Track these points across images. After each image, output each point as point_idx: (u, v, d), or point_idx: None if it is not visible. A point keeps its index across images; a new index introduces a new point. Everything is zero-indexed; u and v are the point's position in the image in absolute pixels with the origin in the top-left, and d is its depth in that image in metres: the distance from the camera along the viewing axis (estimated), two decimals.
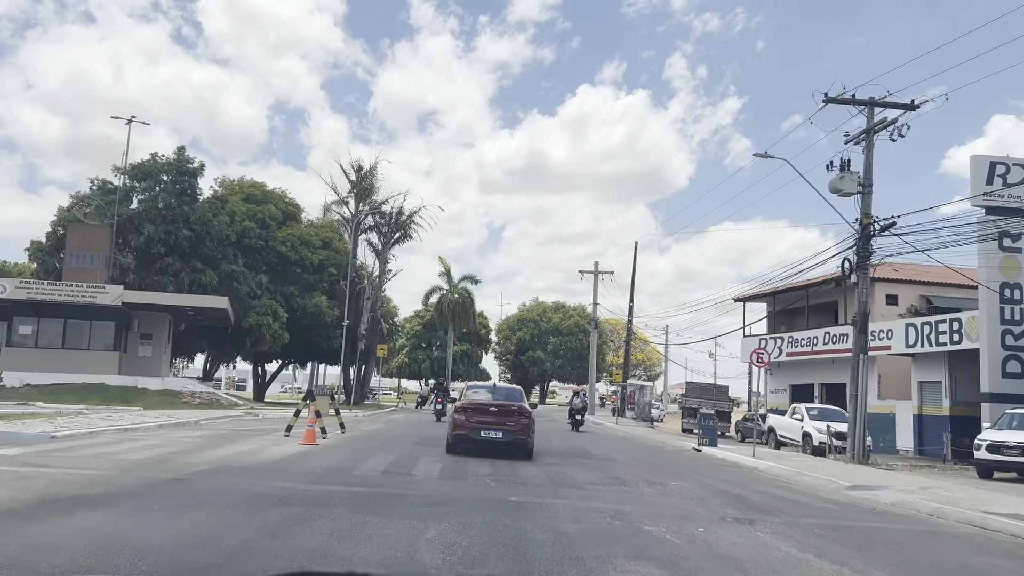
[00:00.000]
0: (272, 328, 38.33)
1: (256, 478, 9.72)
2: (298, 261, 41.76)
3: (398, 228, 45.10)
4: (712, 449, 22.22)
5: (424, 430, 23.86)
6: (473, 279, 79.03)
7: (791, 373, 36.99)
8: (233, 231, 39.19)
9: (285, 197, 44.65)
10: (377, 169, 44.49)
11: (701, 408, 39.93)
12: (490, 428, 15.38)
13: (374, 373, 46.97)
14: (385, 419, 29.67)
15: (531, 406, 17.02)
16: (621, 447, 22.41)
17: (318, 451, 14.29)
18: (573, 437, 25.46)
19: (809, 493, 13.00)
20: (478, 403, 16.00)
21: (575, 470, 13.82)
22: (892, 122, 19.62)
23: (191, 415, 22.52)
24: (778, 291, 36.74)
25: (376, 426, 24.31)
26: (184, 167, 38.53)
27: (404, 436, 20.53)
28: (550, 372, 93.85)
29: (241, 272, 38.53)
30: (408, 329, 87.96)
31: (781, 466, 17.25)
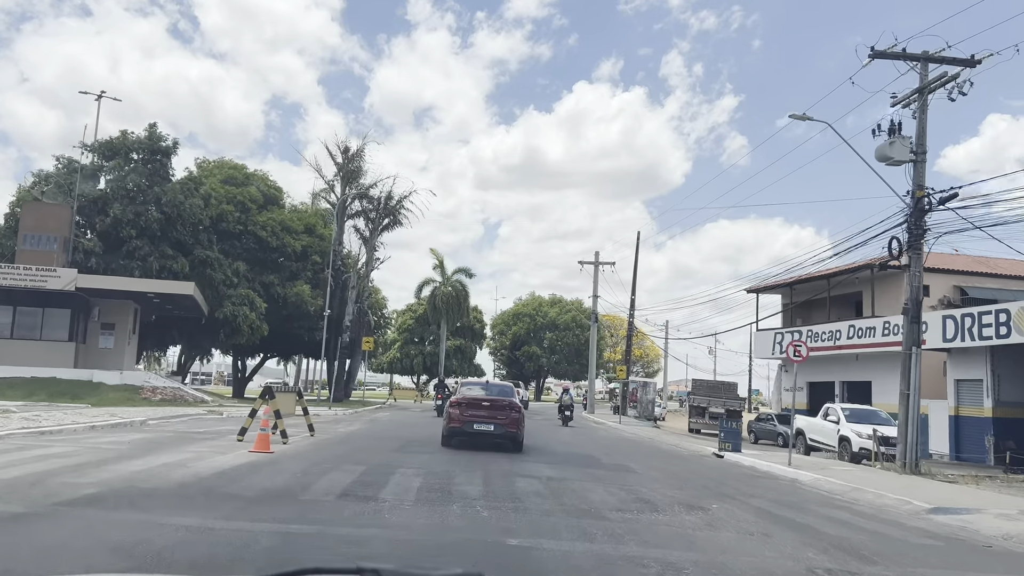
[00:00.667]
0: (249, 319, 35.48)
1: (151, 510, 6.95)
2: (279, 248, 38.90)
3: (387, 214, 42.28)
4: (736, 455, 19.51)
5: (410, 431, 21.10)
6: (467, 272, 76.01)
7: (809, 370, 34.26)
8: (208, 214, 36.31)
9: (267, 179, 41.78)
10: (365, 151, 41.70)
11: (710, 407, 37.32)
12: (483, 421, 16.02)
13: (360, 368, 44.12)
14: (368, 418, 26.90)
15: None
16: (632, 452, 19.69)
17: (268, 462, 11.52)
18: (574, 437, 22.72)
19: (887, 519, 10.27)
20: (471, 398, 16.69)
21: (588, 486, 11.07)
22: (952, 77, 16.88)
23: (142, 414, 19.71)
24: (795, 281, 34.04)
25: (355, 427, 21.53)
26: (156, 145, 35.60)
27: (384, 439, 17.76)
28: (546, 368, 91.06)
29: (216, 258, 35.67)
30: (400, 323, 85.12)
31: (827, 478, 14.54)
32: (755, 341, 36.52)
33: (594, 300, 49.36)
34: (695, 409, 37.47)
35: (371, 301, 46.38)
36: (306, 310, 38.72)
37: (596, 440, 23.29)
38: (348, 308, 38.31)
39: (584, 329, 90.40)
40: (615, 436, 26.43)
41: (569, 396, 33.76)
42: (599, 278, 49.44)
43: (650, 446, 22.91)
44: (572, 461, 15.21)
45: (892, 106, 18.41)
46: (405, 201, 42.09)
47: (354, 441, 16.71)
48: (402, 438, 18.39)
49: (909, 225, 17.33)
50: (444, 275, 74.80)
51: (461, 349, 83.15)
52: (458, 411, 16.17)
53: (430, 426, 24.00)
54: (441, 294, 72.98)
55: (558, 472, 12.79)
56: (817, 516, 9.95)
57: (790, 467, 16.54)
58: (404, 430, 21.69)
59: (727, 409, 37.13)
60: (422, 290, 75.42)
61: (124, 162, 35.66)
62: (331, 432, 18.75)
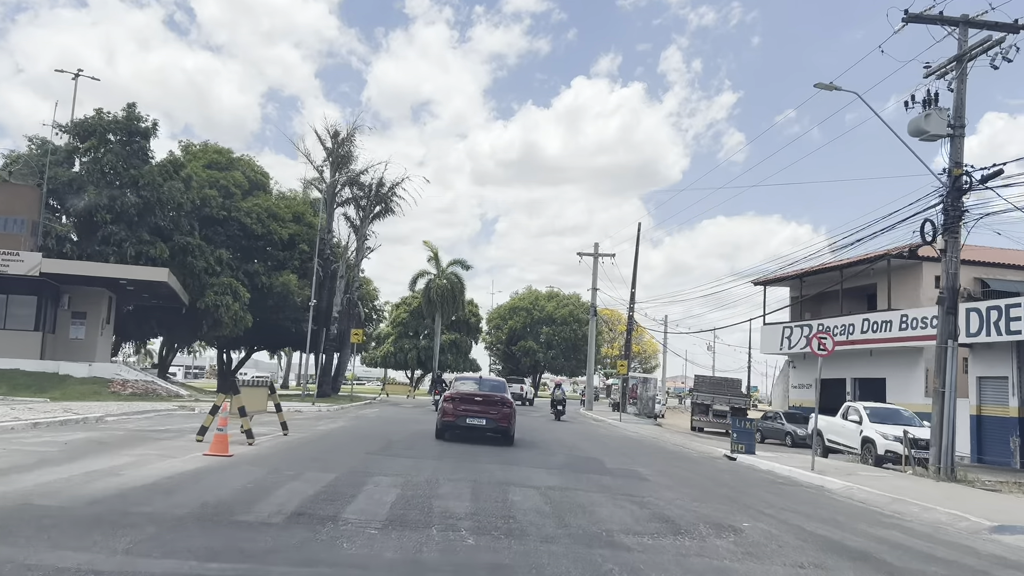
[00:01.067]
0: (232, 309, 33.75)
1: (24, 541, 5.26)
2: (265, 235, 37.14)
3: (378, 201, 40.54)
4: (750, 458, 17.91)
5: (396, 429, 19.46)
6: (463, 264, 74.28)
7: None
8: (189, 199, 34.53)
9: (253, 164, 39.99)
10: (355, 137, 39.95)
11: (714, 404, 35.75)
12: (475, 416, 16.37)
13: (350, 361, 42.39)
14: (354, 415, 25.24)
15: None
16: (637, 453, 18.08)
17: (219, 468, 9.86)
18: (573, 437, 21.08)
19: (950, 542, 8.65)
20: (465, 393, 16.94)
21: (595, 499, 9.44)
22: (997, 42, 15.24)
23: (103, 409, 18.05)
24: (806, 273, 32.44)
25: (337, 425, 19.87)
26: (134, 126, 33.79)
27: (366, 438, 16.10)
28: (543, 363, 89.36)
29: (197, 245, 33.91)
30: (394, 317, 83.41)
31: (859, 486, 12.93)
32: (762, 336, 34.94)
33: (593, 293, 47.74)
34: (698, 407, 35.92)
35: (362, 292, 44.64)
36: (292, 301, 37.01)
37: (597, 439, 21.67)
38: (336, 299, 36.58)
39: (582, 324, 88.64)
40: (617, 435, 24.82)
41: (561, 391, 34.93)
42: (598, 271, 47.81)
43: (655, 446, 21.29)
44: (574, 466, 13.57)
45: (926, 76, 16.77)
46: (397, 188, 40.40)
47: (331, 441, 15.05)
48: (386, 437, 16.75)
49: (945, 206, 15.70)
50: (439, 267, 73.07)
51: (456, 343, 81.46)
52: (452, 406, 16.51)
53: (419, 423, 22.37)
54: (436, 287, 71.25)
55: (559, 480, 11.16)
56: (868, 538, 8.33)
57: (814, 472, 14.95)
58: (391, 428, 20.04)
59: (732, 407, 35.58)
60: (416, 282, 73.73)
61: (100, 143, 33.87)
62: (308, 431, 17.09)
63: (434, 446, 15.31)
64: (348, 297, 39.49)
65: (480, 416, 16.37)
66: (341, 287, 36.66)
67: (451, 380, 24.86)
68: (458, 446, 15.78)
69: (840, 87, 16.36)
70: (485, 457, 13.63)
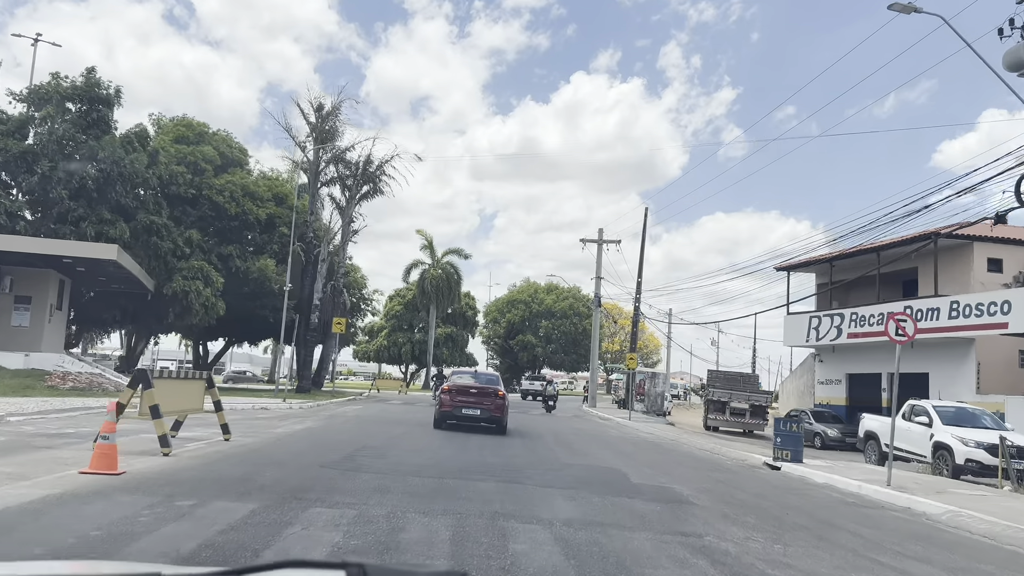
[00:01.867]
0: (203, 296, 30.57)
1: None
2: (239, 215, 33.91)
3: (366, 180, 37.34)
4: (798, 467, 14.80)
5: (372, 431, 16.36)
6: (460, 252, 71.32)
7: (850, 359, 29.64)
8: (156, 174, 31.36)
9: (229, 140, 36.73)
10: (341, 110, 36.75)
11: (732, 402, 32.63)
12: (470, 407, 17.31)
13: (334, 354, 39.20)
14: (328, 414, 22.09)
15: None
16: (664, 461, 14.95)
17: (85, 495, 6.72)
18: (584, 441, 17.96)
19: None
20: (461, 386, 17.86)
21: (638, 544, 6.31)
22: None
23: (16, 405, 14.92)
24: (836, 256, 29.33)
25: (302, 426, 16.71)
26: (94, 93, 30.58)
27: (328, 445, 12.96)
28: (541, 358, 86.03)
29: (164, 225, 30.73)
30: (388, 309, 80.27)
31: (966, 511, 9.83)
32: (785, 327, 31.83)
33: (597, 282, 44.57)
34: (713, 404, 32.79)
35: (349, 280, 41.42)
36: (271, 288, 33.82)
37: (611, 443, 18.54)
38: (317, 285, 33.35)
39: (582, 317, 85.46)
40: (631, 437, 21.68)
41: (553, 387, 37.98)
42: (602, 259, 44.62)
43: (680, 452, 18.15)
44: (592, 482, 10.43)
45: (1019, 2, 13.66)
46: (386, 166, 37.18)
47: (282, 450, 11.89)
48: (357, 443, 13.61)
49: None
50: (434, 256, 69.97)
51: (452, 337, 78.26)
52: (449, 397, 17.50)
53: (402, 423, 19.25)
54: (430, 277, 68.12)
55: (577, 508, 8.02)
56: None
57: (891, 489, 11.84)
58: (366, 429, 16.92)
59: (752, 404, 32.53)
60: (410, 273, 70.72)
61: (57, 112, 30.65)
62: (261, 435, 13.95)
63: (414, 454, 12.20)
64: (332, 284, 36.32)
65: (475, 407, 17.35)
66: (323, 272, 33.44)
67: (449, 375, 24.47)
68: (444, 450, 12.70)
69: (921, 9, 13.20)
70: (477, 469, 10.52)
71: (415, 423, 19.42)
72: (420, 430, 17.13)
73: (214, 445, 11.43)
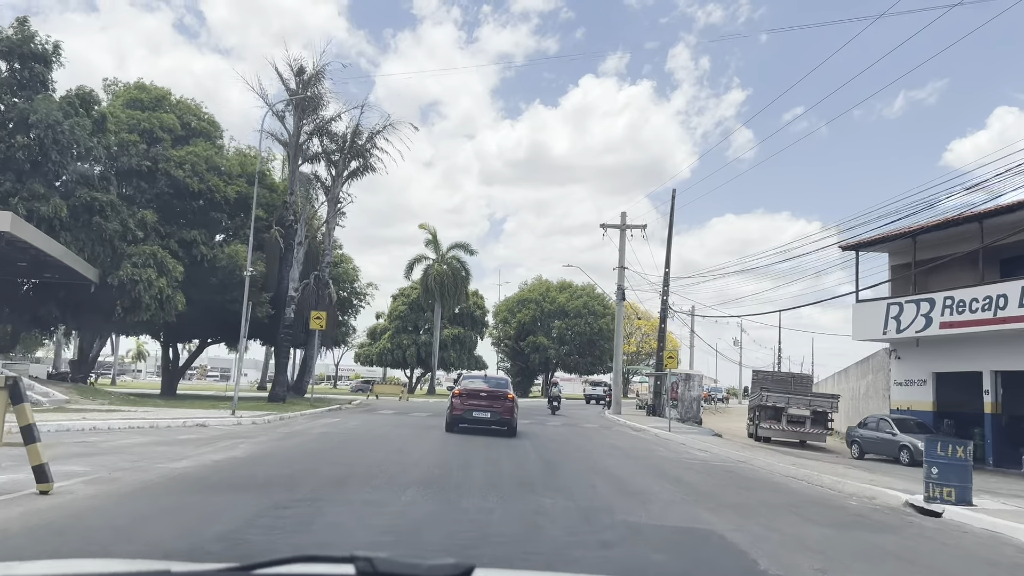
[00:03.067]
0: (156, 286, 25.59)
1: None
2: (204, 194, 28.92)
3: (354, 155, 32.31)
4: (971, 513, 9.58)
5: (340, 457, 11.26)
6: (467, 247, 65.95)
7: (939, 355, 24.26)
8: (102, 143, 26.45)
9: (196, 110, 31.67)
10: (325, 74, 31.74)
11: (789, 407, 27.38)
12: (481, 410, 17.59)
13: (316, 355, 34.07)
14: (285, 432, 16.91)
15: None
16: (770, 510, 9.67)
17: None
18: (628, 464, 12.72)
19: None
20: (472, 389, 18.23)
21: None
22: None
23: None
24: (920, 230, 23.95)
25: (227, 455, 11.49)
26: (27, 48, 25.77)
27: (206, 514, 7.84)
28: (554, 361, 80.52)
29: (109, 203, 25.78)
30: (392, 310, 75.29)
31: None
32: (854, 317, 26.50)
33: (620, 272, 39.32)
34: (765, 410, 27.54)
35: (338, 272, 36.34)
36: (241, 277, 28.77)
37: (668, 471, 13.33)
38: (293, 273, 28.18)
39: (598, 316, 79.96)
40: (688, 459, 16.39)
41: (558, 389, 38.54)
42: (625, 247, 39.37)
43: (773, 486, 12.84)
44: (676, 568, 5.26)
45: None
46: (377, 138, 32.12)
47: (117, 518, 6.74)
48: (289, 488, 8.47)
49: None
50: (438, 251, 64.75)
51: (460, 339, 73.07)
52: (460, 401, 17.74)
53: (384, 447, 14.09)
54: (435, 273, 62.95)
55: None
56: None
57: None
58: (330, 458, 11.79)
59: (814, 411, 27.29)
60: (413, 269, 65.59)
61: None
62: (137, 475, 8.83)
63: (370, 513, 7.08)
64: (316, 275, 31.27)
65: (485, 410, 17.44)
66: (299, 257, 28.24)
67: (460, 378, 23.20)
68: (423, 505, 7.56)
69: None
70: (468, 530, 5.38)
71: (398, 447, 14.29)
72: (398, 460, 11.98)
73: (6, 506, 6.36)
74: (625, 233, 39.69)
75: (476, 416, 17.33)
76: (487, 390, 18.01)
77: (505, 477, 10.49)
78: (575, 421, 28.85)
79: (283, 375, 27.83)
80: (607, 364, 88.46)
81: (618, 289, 39.32)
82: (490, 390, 18.03)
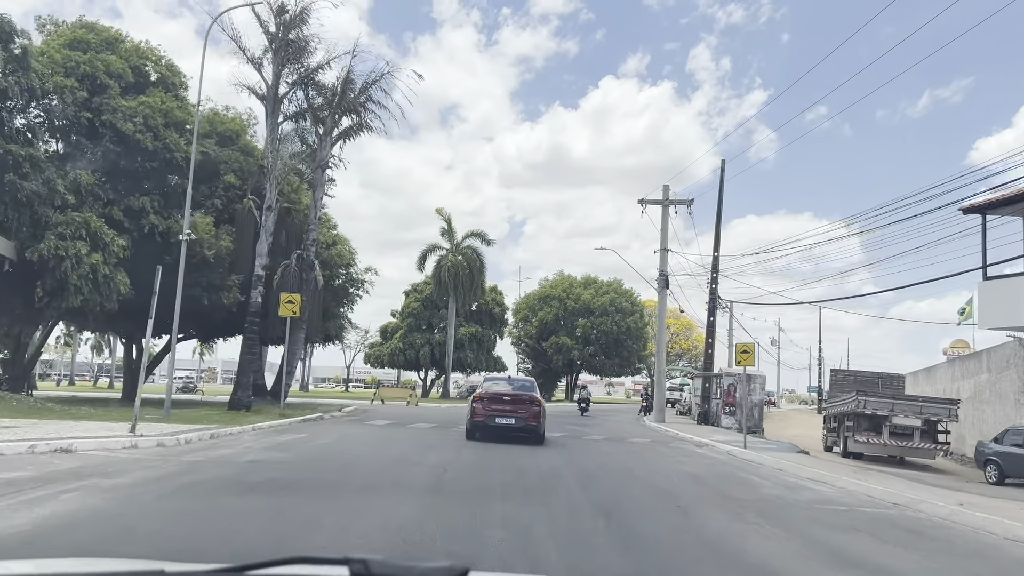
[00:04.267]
0: (87, 264, 20.18)
1: None
2: (160, 153, 23.46)
3: (346, 110, 26.77)
4: None
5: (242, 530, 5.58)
6: (483, 236, 60.14)
7: None
8: (21, 84, 21.06)
9: (152, 54, 26.11)
10: (310, 14, 26.20)
11: (894, 416, 21.42)
12: (504, 415, 16.15)
13: (301, 351, 28.42)
14: (191, 462, 11.27)
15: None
16: None
17: None
18: (705, 498, 7.02)
19: None
20: (494, 393, 16.70)
21: None
22: None
23: None
24: None
25: (49, 509, 5.93)
26: None
27: None
28: (579, 362, 74.34)
29: (27, 157, 20.40)
30: (404, 307, 69.71)
31: None
32: (980, 298, 20.54)
33: (662, 255, 33.42)
34: (859, 419, 21.54)
35: (331, 255, 30.72)
36: (203, 256, 23.29)
37: (816, 536, 7.53)
38: (261, 247, 22.37)
39: (625, 314, 73.70)
40: (817, 501, 10.48)
41: (587, 391, 38.99)
42: (668, 226, 33.49)
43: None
44: None
45: None
46: (374, 89, 26.52)
47: None
48: None
49: None
50: (453, 240, 59.04)
51: (477, 338, 67.13)
52: (481, 406, 16.36)
53: (321, 501, 8.34)
54: (449, 264, 57.24)
55: None
56: None
57: None
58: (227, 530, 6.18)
59: (925, 421, 21.32)
60: (425, 260, 60.01)
61: None
62: None
63: None
64: (300, 255, 25.72)
65: (510, 415, 16.15)
66: (269, 226, 22.40)
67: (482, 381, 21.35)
68: None
69: None
70: None
71: (357, 489, 8.60)
72: (327, 539, 6.25)
73: None
74: (668, 210, 33.81)
75: (499, 423, 15.99)
76: (511, 393, 16.70)
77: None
78: (616, 433, 23.08)
79: (246, 376, 21.96)
80: (635, 366, 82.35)
81: (660, 275, 33.37)
82: (515, 393, 16.71)
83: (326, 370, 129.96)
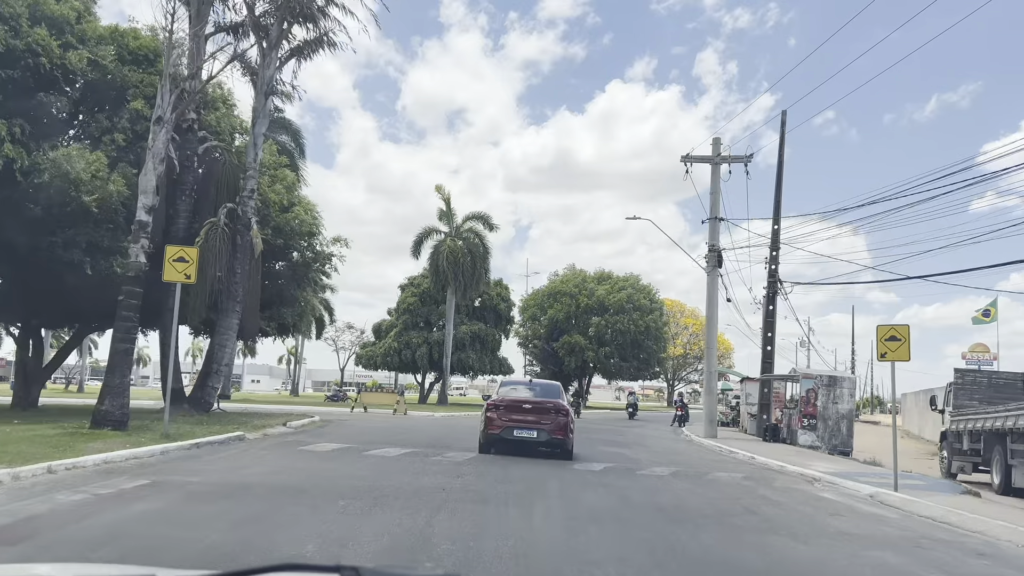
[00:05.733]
0: None
1: None
2: (23, 58, 16.44)
3: (298, 17, 19.70)
4: None
5: None
6: (486, 219, 52.81)
7: None
8: None
9: None
10: None
11: None
12: (525, 427, 14.16)
13: (237, 345, 21.19)
14: None
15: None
16: None
17: None
18: None
19: None
20: (512, 400, 14.80)
21: None
22: None
23: None
24: None
25: None
26: None
27: None
28: (592, 364, 66.55)
29: None
30: (400, 302, 62.52)
31: None
32: None
33: (712, 224, 26.26)
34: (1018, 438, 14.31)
35: (288, 219, 23.38)
36: (82, 203, 16.14)
37: None
38: (144, 179, 14.51)
39: (644, 312, 65.73)
40: None
41: (634, 397, 45.30)
42: (719, 189, 26.36)
43: None
44: None
45: None
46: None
47: None
48: None
49: None
50: (452, 223, 51.79)
51: (480, 337, 59.77)
52: (497, 415, 14.29)
53: None
54: (447, 249, 49.95)
55: None
56: None
57: None
58: None
59: None
60: (421, 246, 52.93)
61: None
62: None
63: None
64: (232, 209, 18.63)
65: (531, 427, 14.02)
66: (158, 149, 14.47)
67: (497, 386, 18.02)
68: None
69: None
70: None
71: None
72: None
73: None
74: (719, 169, 26.67)
75: (519, 436, 13.78)
76: (533, 401, 14.39)
77: None
78: (673, 458, 16.03)
79: (118, 376, 14.18)
80: (654, 368, 74.57)
81: (710, 250, 26.16)
82: (537, 401, 14.40)
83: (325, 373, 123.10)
